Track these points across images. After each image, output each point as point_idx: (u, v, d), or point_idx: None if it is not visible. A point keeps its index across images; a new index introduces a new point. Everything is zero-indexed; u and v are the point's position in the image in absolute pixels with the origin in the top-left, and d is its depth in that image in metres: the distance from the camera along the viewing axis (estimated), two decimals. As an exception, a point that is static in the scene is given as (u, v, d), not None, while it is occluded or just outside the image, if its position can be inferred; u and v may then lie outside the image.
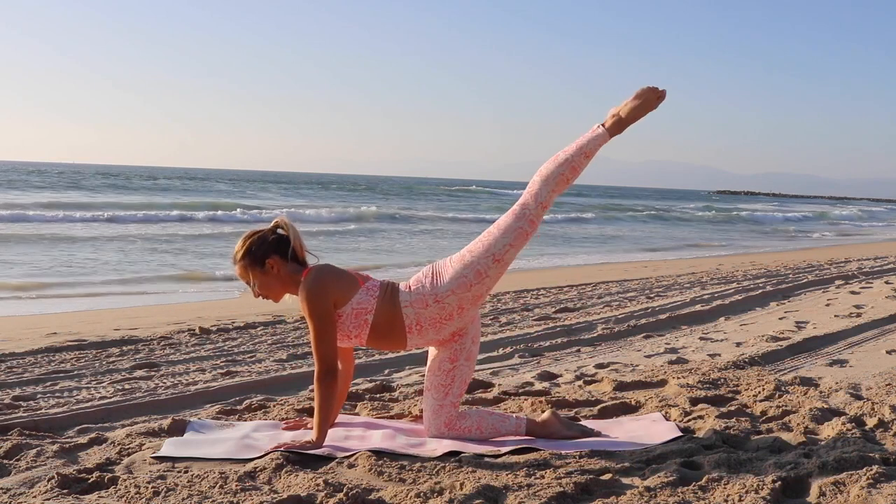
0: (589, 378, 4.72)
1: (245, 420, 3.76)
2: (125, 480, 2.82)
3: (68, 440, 3.40)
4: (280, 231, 3.47)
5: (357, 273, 3.45)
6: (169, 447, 3.24)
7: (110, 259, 12.91)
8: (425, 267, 3.47)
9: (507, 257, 3.34)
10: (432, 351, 3.54)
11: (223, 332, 6.34)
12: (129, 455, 3.19)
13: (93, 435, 3.43)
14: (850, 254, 16.57)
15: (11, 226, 18.09)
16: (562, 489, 2.70)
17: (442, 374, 3.44)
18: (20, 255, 12.89)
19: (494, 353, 5.49)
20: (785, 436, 3.38)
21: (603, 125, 3.45)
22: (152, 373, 4.82)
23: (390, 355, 5.30)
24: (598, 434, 3.50)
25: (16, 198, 28.37)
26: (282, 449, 3.16)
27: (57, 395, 4.25)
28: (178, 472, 2.98)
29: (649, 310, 7.50)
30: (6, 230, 16.79)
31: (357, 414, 3.92)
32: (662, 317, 7.10)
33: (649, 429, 3.56)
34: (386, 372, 4.94)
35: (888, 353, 5.46)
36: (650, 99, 3.44)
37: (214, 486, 2.79)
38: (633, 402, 4.06)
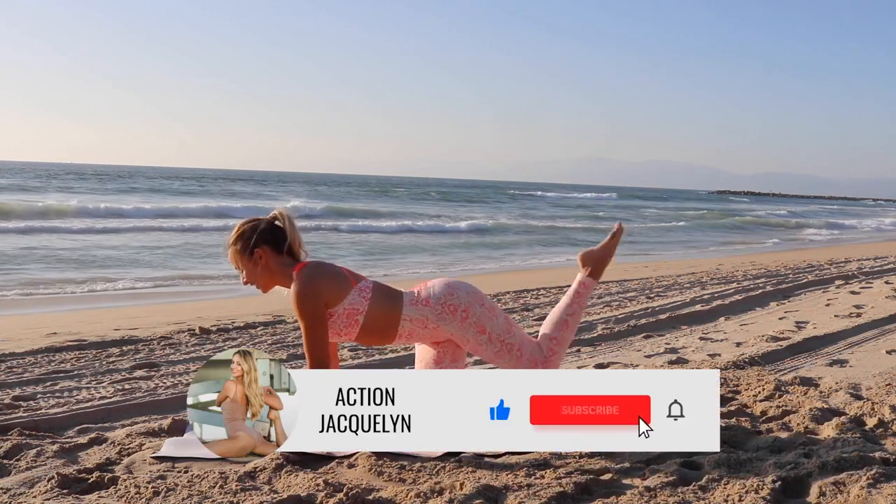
0: (589, 378, 4.71)
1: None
2: (125, 480, 2.82)
3: (68, 440, 3.40)
4: (276, 223, 3.45)
5: (351, 272, 3.43)
6: (169, 447, 3.25)
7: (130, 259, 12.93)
8: (448, 286, 3.41)
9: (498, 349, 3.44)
10: (419, 349, 3.57)
11: (223, 332, 6.34)
12: (129, 455, 3.19)
13: (93, 435, 3.44)
14: (850, 254, 16.57)
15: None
16: (562, 489, 2.70)
17: None
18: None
19: (494, 353, 5.48)
20: (785, 436, 3.38)
21: (586, 274, 3.65)
22: (152, 373, 4.83)
23: (390, 355, 5.30)
24: None
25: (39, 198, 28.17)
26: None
27: (57, 395, 4.25)
28: (178, 472, 2.98)
29: (649, 310, 7.50)
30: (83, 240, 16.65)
31: (357, 414, 3.91)
32: (662, 317, 7.10)
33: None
34: (386, 372, 4.95)
35: (888, 353, 5.46)
36: (615, 239, 3.73)
37: (214, 486, 2.79)
38: (633, 402, 4.06)
